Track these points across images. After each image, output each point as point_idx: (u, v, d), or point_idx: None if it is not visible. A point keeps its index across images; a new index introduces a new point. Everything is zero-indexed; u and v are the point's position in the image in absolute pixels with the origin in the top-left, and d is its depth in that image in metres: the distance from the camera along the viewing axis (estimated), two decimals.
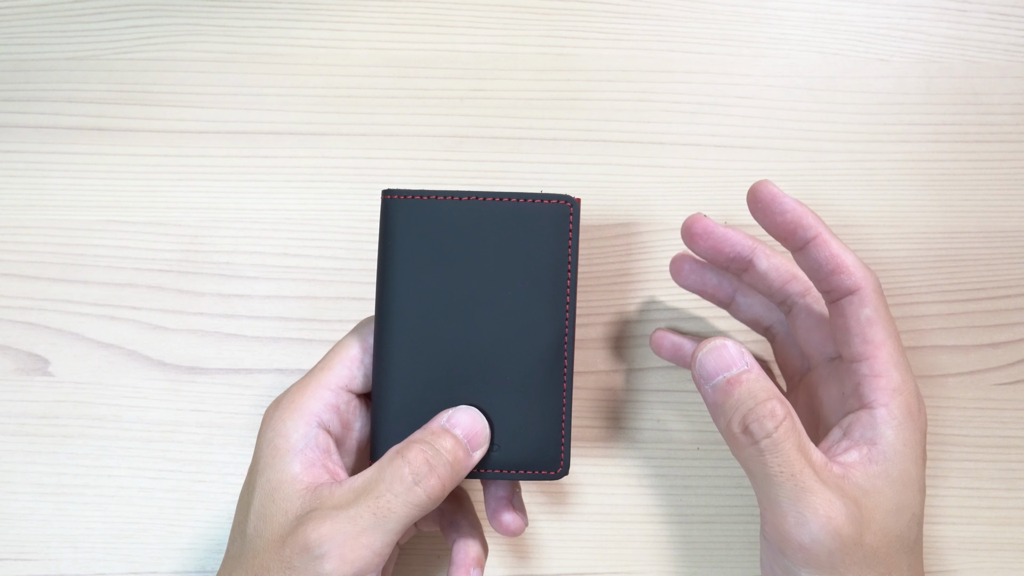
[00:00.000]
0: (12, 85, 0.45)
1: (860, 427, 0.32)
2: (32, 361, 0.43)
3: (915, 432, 0.32)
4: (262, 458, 0.34)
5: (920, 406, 0.33)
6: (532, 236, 0.34)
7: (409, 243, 0.34)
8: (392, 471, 0.32)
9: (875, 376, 0.32)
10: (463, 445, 0.33)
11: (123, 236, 0.44)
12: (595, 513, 0.43)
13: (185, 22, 0.46)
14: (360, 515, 0.31)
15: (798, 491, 0.30)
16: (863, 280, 0.33)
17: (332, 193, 0.45)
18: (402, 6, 0.47)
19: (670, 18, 0.47)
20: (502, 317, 0.34)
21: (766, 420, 0.31)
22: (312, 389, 0.34)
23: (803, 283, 0.37)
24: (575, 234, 0.34)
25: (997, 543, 0.43)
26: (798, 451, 0.31)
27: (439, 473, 0.32)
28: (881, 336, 0.33)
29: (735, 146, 0.46)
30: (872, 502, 0.31)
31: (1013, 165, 0.46)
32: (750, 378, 0.32)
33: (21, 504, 0.42)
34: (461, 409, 0.34)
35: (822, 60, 0.47)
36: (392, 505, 0.31)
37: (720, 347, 0.33)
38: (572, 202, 0.34)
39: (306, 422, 0.34)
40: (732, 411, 0.32)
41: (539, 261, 0.34)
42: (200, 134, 0.45)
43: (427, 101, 0.46)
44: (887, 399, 0.32)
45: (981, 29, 0.47)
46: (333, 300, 0.44)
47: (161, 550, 0.42)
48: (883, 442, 0.32)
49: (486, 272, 0.34)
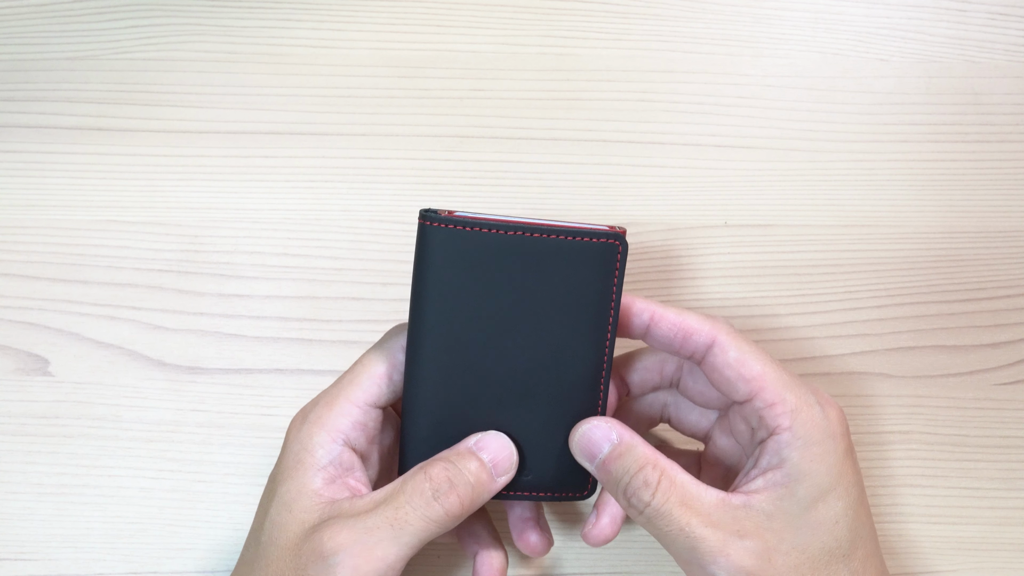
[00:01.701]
0: (12, 85, 0.45)
1: (767, 454, 0.33)
2: (32, 361, 0.43)
3: (824, 443, 0.33)
4: (285, 469, 0.34)
5: (827, 413, 0.33)
6: (577, 272, 0.33)
7: (446, 273, 0.32)
8: (413, 484, 0.32)
9: (770, 406, 0.33)
10: (487, 469, 0.34)
11: (123, 236, 0.44)
12: None
13: (185, 22, 0.46)
14: (377, 525, 0.31)
15: (691, 542, 0.31)
16: (714, 329, 0.34)
17: (332, 193, 0.45)
18: (402, 6, 0.47)
19: (670, 18, 0.47)
20: (540, 345, 0.34)
21: (642, 491, 0.32)
22: (340, 404, 0.34)
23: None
24: (621, 273, 0.33)
25: (997, 543, 0.43)
26: (681, 506, 0.32)
27: (459, 492, 0.32)
28: (758, 368, 0.33)
29: (735, 146, 0.46)
30: (779, 524, 0.32)
31: (1013, 165, 0.46)
32: (620, 452, 0.33)
33: (21, 504, 0.42)
34: (491, 434, 0.34)
35: (822, 60, 0.47)
36: (409, 517, 0.31)
37: (587, 431, 0.34)
38: (620, 240, 0.33)
39: (332, 439, 0.34)
40: (615, 488, 0.33)
41: (583, 299, 0.33)
42: (200, 134, 0.45)
43: (427, 101, 0.46)
44: (788, 422, 0.33)
45: (981, 29, 0.47)
46: (333, 300, 0.44)
47: (161, 550, 0.42)
48: (787, 464, 0.32)
49: (526, 303, 0.33)
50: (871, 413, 0.44)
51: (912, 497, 0.43)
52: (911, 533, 0.43)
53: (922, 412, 0.44)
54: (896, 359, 0.44)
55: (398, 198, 0.45)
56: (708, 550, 0.31)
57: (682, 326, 0.34)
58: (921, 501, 0.43)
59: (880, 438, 0.43)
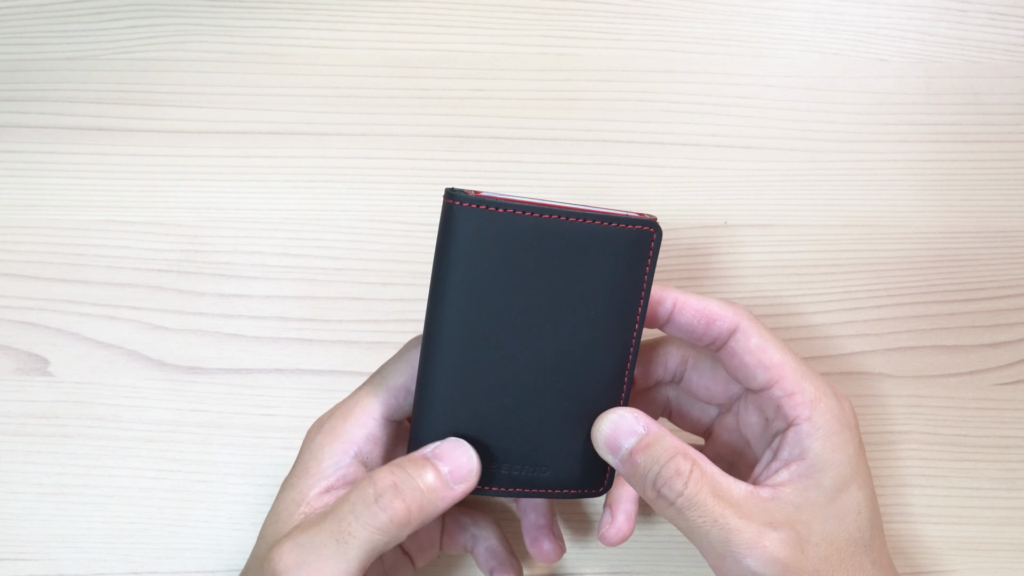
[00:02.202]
0: (12, 85, 0.45)
1: (787, 445, 0.33)
2: (32, 361, 0.43)
3: (843, 433, 0.33)
4: (294, 474, 0.33)
5: (842, 404, 0.34)
6: (608, 259, 0.32)
7: (471, 254, 0.31)
8: (358, 491, 0.31)
9: (789, 395, 0.33)
10: (442, 476, 0.32)
11: (123, 236, 0.44)
12: (595, 513, 0.43)
13: (185, 22, 0.46)
14: (321, 541, 0.30)
15: (725, 534, 0.31)
16: (737, 315, 0.34)
17: (332, 193, 0.45)
18: (402, 6, 0.47)
19: (670, 18, 0.47)
20: (563, 335, 0.32)
21: (674, 481, 0.31)
22: (356, 416, 0.33)
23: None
24: (654, 261, 0.32)
25: (997, 543, 0.43)
26: (714, 497, 0.31)
27: (405, 496, 0.31)
28: (778, 356, 0.33)
29: (735, 146, 0.46)
30: (807, 515, 0.32)
31: (1013, 165, 0.46)
32: (648, 443, 0.32)
33: (21, 504, 0.42)
34: (449, 441, 0.33)
35: (822, 60, 0.47)
36: (352, 528, 0.30)
37: (614, 421, 0.33)
38: (655, 227, 0.32)
39: (343, 451, 0.33)
40: (642, 480, 0.32)
41: (611, 288, 0.32)
42: (200, 134, 0.45)
43: (427, 101, 0.46)
44: (808, 412, 0.33)
45: (981, 29, 0.47)
46: (333, 300, 0.44)
47: (161, 550, 0.42)
48: (811, 454, 0.32)
49: (552, 289, 0.31)
50: (871, 413, 0.44)
51: (912, 497, 0.43)
52: (911, 533, 0.43)
53: (922, 412, 0.44)
54: (896, 359, 0.44)
55: (398, 198, 0.45)
56: (743, 542, 0.31)
57: (705, 312, 0.34)
58: (921, 501, 0.43)
59: (880, 438, 0.43)
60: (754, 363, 0.33)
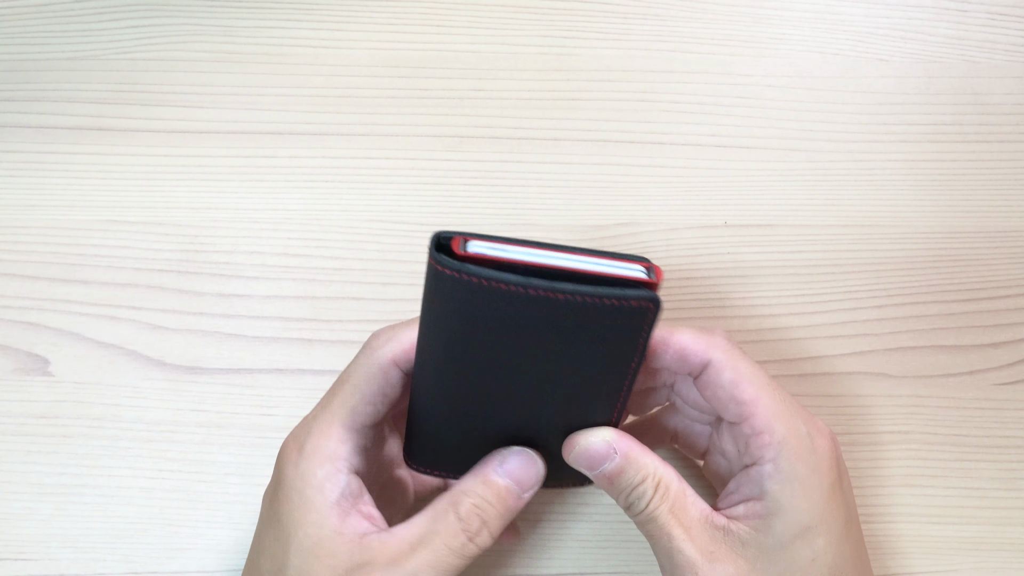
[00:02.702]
0: (12, 85, 0.45)
1: (748, 482, 0.33)
2: (32, 361, 0.43)
3: (808, 479, 0.32)
4: (295, 510, 0.32)
5: (817, 446, 0.33)
6: (603, 329, 0.30)
7: (455, 317, 0.29)
8: (446, 526, 0.32)
9: (757, 434, 0.33)
10: (514, 493, 0.33)
11: (123, 236, 0.44)
12: (596, 513, 0.43)
13: (185, 22, 0.46)
14: (419, 569, 0.31)
15: (671, 553, 0.32)
16: (709, 349, 0.33)
17: (332, 193, 0.45)
18: (402, 6, 0.47)
19: (670, 18, 0.47)
20: (550, 393, 0.32)
21: (639, 501, 0.33)
22: (338, 431, 0.33)
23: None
24: (649, 332, 0.30)
25: (997, 543, 0.43)
26: (670, 513, 0.32)
27: (490, 527, 0.33)
28: (751, 392, 0.33)
29: (735, 146, 0.46)
30: (753, 555, 0.32)
31: (1013, 165, 0.46)
32: (622, 467, 0.33)
33: (21, 504, 0.42)
34: (515, 452, 0.34)
35: (822, 60, 0.47)
36: (449, 560, 0.32)
37: (588, 446, 0.33)
38: (655, 302, 0.29)
39: (338, 469, 0.32)
40: (616, 495, 0.34)
41: (604, 354, 0.31)
42: (200, 134, 0.45)
43: (427, 101, 0.46)
44: (773, 454, 0.32)
45: (981, 29, 0.47)
46: (333, 300, 0.44)
47: (161, 550, 0.41)
48: (768, 497, 0.32)
49: (543, 353, 0.30)
50: (871, 413, 0.44)
51: (912, 497, 0.43)
52: (911, 533, 0.43)
53: (922, 412, 0.44)
54: (895, 359, 0.44)
55: (398, 198, 0.45)
56: (685, 563, 0.32)
57: (678, 345, 0.33)
58: (921, 501, 0.43)
59: (879, 438, 0.44)
60: (726, 398, 0.33)
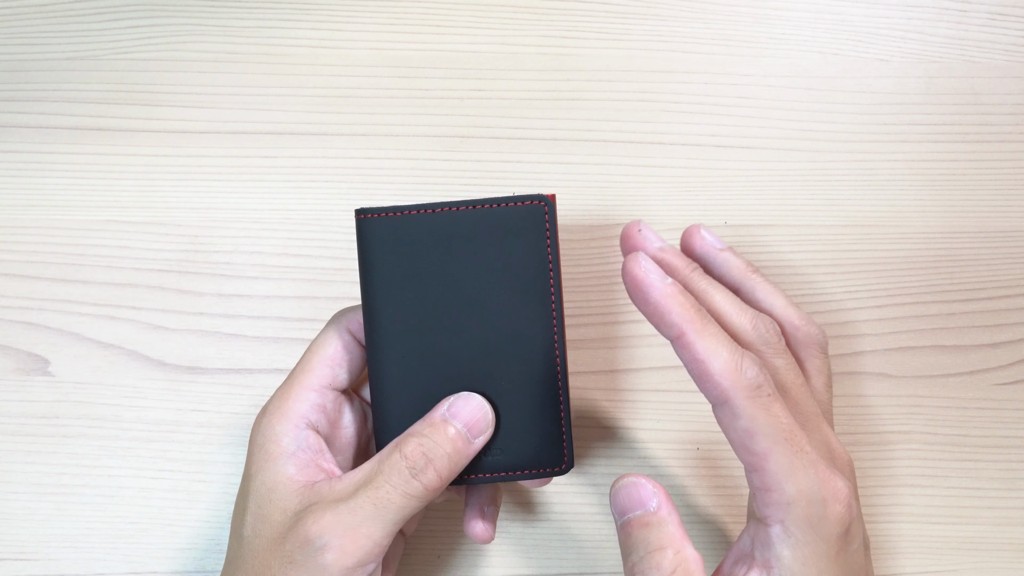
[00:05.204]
0: (12, 85, 0.45)
1: (759, 545, 0.31)
2: (32, 361, 0.43)
3: (815, 545, 0.30)
4: (255, 463, 0.34)
5: (827, 511, 0.30)
6: (510, 240, 0.34)
7: (388, 260, 0.34)
8: (390, 464, 0.33)
9: (765, 490, 0.30)
10: (463, 435, 0.34)
11: (123, 236, 0.44)
12: (596, 513, 0.43)
13: (185, 22, 0.46)
14: (360, 506, 0.32)
15: None
16: (730, 390, 0.30)
17: (332, 193, 0.45)
18: (402, 6, 0.47)
19: (670, 18, 0.47)
20: (490, 322, 0.34)
21: (650, 571, 0.30)
22: (296, 391, 0.35)
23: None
24: (552, 231, 0.34)
25: (997, 543, 0.43)
26: None
27: (436, 466, 0.33)
28: (764, 445, 0.30)
29: (735, 146, 0.46)
30: None
31: (1013, 165, 0.46)
32: (649, 522, 0.31)
33: (21, 504, 0.42)
34: (462, 396, 0.34)
35: (822, 60, 0.47)
36: (391, 496, 0.32)
37: (630, 485, 0.32)
38: (546, 200, 0.34)
39: (295, 425, 0.34)
40: (628, 553, 0.31)
41: (520, 263, 0.34)
42: (200, 134, 0.45)
43: (427, 101, 0.46)
44: (781, 515, 0.30)
45: (981, 29, 0.47)
46: (333, 300, 0.44)
47: (161, 550, 0.42)
48: (779, 565, 0.30)
49: (468, 279, 0.34)
50: (871, 413, 0.44)
51: (912, 497, 0.43)
52: (912, 533, 0.43)
53: (922, 412, 0.44)
54: (896, 359, 0.44)
55: (398, 198, 0.45)
56: None
57: (701, 367, 0.31)
58: (921, 501, 0.43)
59: (880, 438, 0.44)
60: (738, 442, 0.31)
